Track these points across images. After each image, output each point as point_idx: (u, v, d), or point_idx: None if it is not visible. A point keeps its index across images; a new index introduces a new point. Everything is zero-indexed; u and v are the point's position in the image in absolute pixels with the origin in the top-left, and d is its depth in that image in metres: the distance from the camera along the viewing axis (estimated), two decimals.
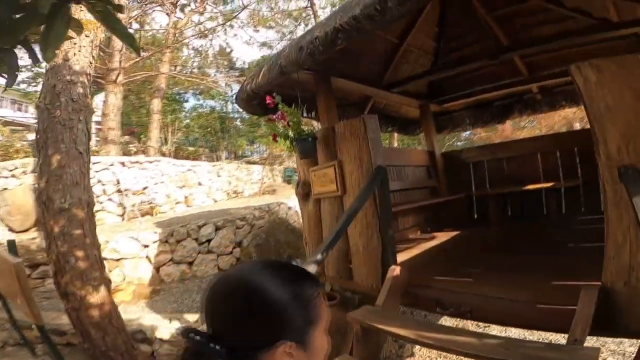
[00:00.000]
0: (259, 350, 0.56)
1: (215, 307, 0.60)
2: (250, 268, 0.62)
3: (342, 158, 2.80)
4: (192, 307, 3.52)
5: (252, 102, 3.47)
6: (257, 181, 11.35)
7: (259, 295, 0.57)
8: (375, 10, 1.88)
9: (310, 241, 3.23)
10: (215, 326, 0.58)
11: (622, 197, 1.64)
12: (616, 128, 1.67)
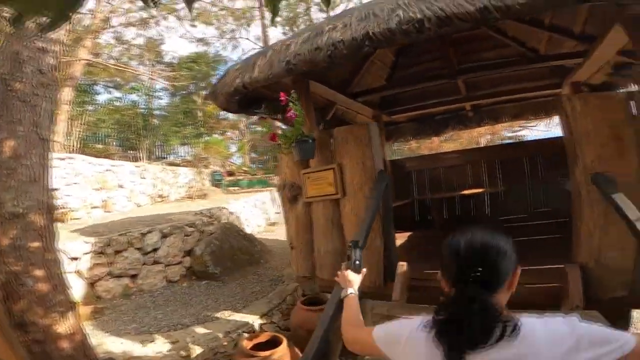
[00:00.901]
0: (508, 276, 0.87)
1: (487, 268, 0.84)
2: (492, 236, 0.89)
3: (342, 162, 2.81)
4: (157, 325, 3.07)
5: (234, 97, 3.25)
6: (183, 185, 10.48)
7: (502, 247, 0.87)
8: (414, 28, 1.98)
9: (298, 245, 3.14)
10: (485, 280, 0.83)
11: (594, 195, 2.03)
12: (592, 146, 2.08)
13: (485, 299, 0.81)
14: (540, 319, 0.83)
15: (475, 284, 0.82)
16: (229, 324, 2.93)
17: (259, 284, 4.14)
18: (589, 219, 2.07)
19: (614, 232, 1.93)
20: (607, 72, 4.08)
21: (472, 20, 1.99)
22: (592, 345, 0.79)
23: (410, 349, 0.89)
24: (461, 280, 0.85)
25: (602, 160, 2.01)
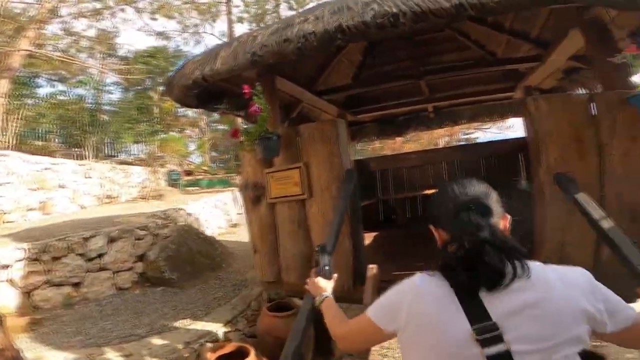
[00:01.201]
0: (502, 217, 0.90)
1: (482, 205, 0.87)
2: (480, 184, 0.93)
3: (308, 160, 2.69)
4: (106, 337, 2.74)
5: (193, 91, 3.02)
6: (136, 185, 9.82)
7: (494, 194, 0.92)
8: (388, 22, 1.91)
9: (262, 248, 2.97)
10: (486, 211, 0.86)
11: (557, 195, 2.08)
12: (555, 146, 2.12)
13: (491, 224, 0.84)
14: (546, 265, 0.84)
15: (477, 212, 0.84)
16: (189, 334, 2.70)
17: (221, 289, 3.90)
18: (554, 217, 2.12)
19: (575, 230, 1.98)
20: (557, 77, 4.32)
21: (447, 17, 1.96)
22: (605, 300, 0.80)
23: (423, 303, 0.83)
24: (463, 212, 0.85)
25: (564, 161, 2.06)
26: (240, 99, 3.89)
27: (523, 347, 0.73)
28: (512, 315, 0.76)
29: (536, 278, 0.79)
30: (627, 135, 1.93)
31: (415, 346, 0.84)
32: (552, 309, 0.76)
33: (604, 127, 1.98)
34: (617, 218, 1.95)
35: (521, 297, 0.77)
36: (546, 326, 0.75)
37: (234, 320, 3.06)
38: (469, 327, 0.76)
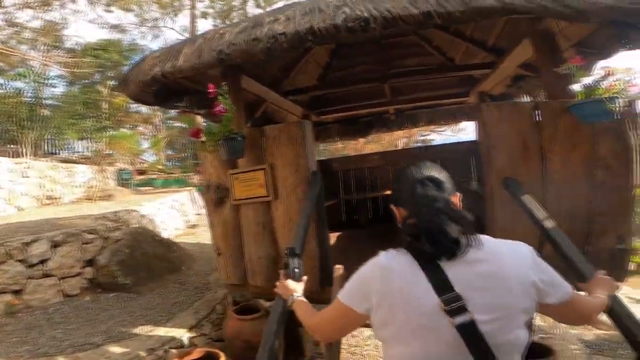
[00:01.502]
0: (453, 194, 0.98)
1: (436, 180, 0.97)
2: (434, 165, 1.03)
3: (274, 162, 2.70)
4: (57, 346, 2.54)
5: (151, 88, 2.91)
6: (81, 184, 9.20)
7: (446, 173, 1.02)
8: (359, 26, 1.97)
9: (226, 251, 2.94)
10: (439, 185, 0.96)
11: (506, 198, 2.27)
12: (504, 152, 2.31)
13: (445, 197, 0.94)
14: (496, 239, 0.94)
15: (432, 186, 0.95)
16: (151, 340, 2.59)
17: (182, 293, 3.79)
18: (501, 217, 2.30)
19: (521, 229, 2.17)
20: (506, 84, 4.69)
21: (416, 24, 2.06)
22: (546, 274, 0.91)
23: (391, 279, 0.90)
24: (419, 188, 0.95)
25: (511, 165, 2.26)
26: (201, 97, 3.83)
27: (485, 317, 0.82)
28: (472, 286, 0.84)
29: (490, 251, 0.88)
30: (567, 142, 2.16)
31: (389, 322, 0.90)
32: (505, 280, 0.85)
33: (546, 134, 2.19)
34: (557, 218, 2.18)
35: (478, 268, 0.86)
36: (502, 296, 0.84)
37: (198, 325, 2.99)
38: (437, 298, 0.83)
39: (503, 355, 0.83)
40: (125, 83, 3.01)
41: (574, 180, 2.14)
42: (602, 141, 2.12)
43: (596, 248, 2.18)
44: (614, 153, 2.10)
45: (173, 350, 2.55)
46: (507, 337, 0.84)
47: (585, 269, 1.57)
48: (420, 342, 0.86)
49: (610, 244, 2.16)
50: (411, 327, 0.87)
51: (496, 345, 0.82)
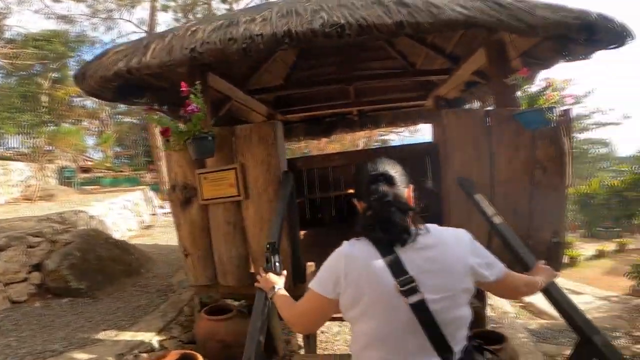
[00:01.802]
0: (406, 188, 1.11)
1: (388, 176, 1.09)
2: (389, 162, 1.15)
3: (245, 162, 2.76)
4: (14, 355, 2.37)
5: (112, 83, 2.84)
6: (18, 183, 8.53)
7: (395, 164, 1.16)
8: (335, 32, 2.11)
9: (195, 252, 2.94)
10: (390, 180, 1.08)
11: (460, 196, 2.53)
12: (459, 154, 2.57)
13: (395, 192, 1.06)
14: (441, 227, 1.09)
15: (384, 182, 1.07)
16: (118, 345, 2.53)
17: (143, 297, 3.70)
18: (456, 214, 2.57)
19: (474, 224, 2.44)
20: (460, 89, 5.10)
21: (388, 32, 2.23)
22: (481, 255, 1.07)
23: (354, 265, 1.03)
24: (373, 183, 1.07)
25: (465, 166, 2.53)
26: (164, 93, 3.77)
27: (433, 296, 0.96)
28: (422, 269, 0.99)
29: (436, 238, 1.03)
30: (512, 146, 2.46)
31: (355, 303, 1.03)
32: (449, 263, 1.01)
33: (494, 138, 2.49)
34: (504, 214, 2.48)
35: (426, 254, 1.00)
36: (447, 278, 1.00)
37: (167, 328, 2.96)
38: (393, 280, 0.97)
39: (451, 331, 0.99)
40: (82, 78, 2.89)
41: (517, 180, 2.45)
42: (540, 146, 2.45)
43: (535, 241, 2.51)
44: (550, 156, 2.44)
45: (143, 354, 2.52)
46: (453, 314, 1.00)
47: (528, 259, 1.84)
48: (381, 319, 1.01)
49: (547, 237, 2.50)
50: (374, 306, 1.01)
51: (444, 322, 0.97)
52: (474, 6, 2.39)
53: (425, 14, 2.32)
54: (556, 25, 2.34)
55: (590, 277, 9.86)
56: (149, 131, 11.86)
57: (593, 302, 6.59)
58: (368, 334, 1.04)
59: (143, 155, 18.30)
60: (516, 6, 2.42)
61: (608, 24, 2.41)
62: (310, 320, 1.20)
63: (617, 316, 5.11)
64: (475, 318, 2.92)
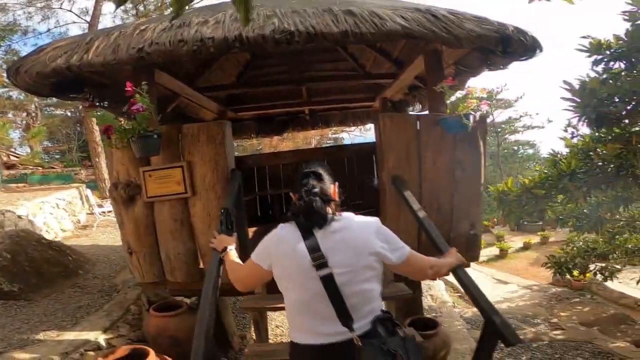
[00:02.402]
0: (331, 184, 1.40)
1: (317, 173, 1.39)
2: (320, 163, 1.46)
3: (192, 160, 2.88)
4: None
5: (50, 79, 2.84)
6: None
7: (323, 164, 1.46)
8: (285, 39, 2.32)
9: (140, 250, 3.00)
10: (319, 177, 1.38)
11: (393, 193, 2.86)
12: (392, 154, 2.90)
13: (322, 186, 1.36)
14: (356, 215, 1.38)
15: (313, 178, 1.37)
16: (62, 345, 2.53)
17: (85, 298, 3.67)
18: (390, 208, 2.89)
19: (404, 219, 2.79)
20: (404, 92, 5.56)
21: (334, 40, 2.47)
22: (386, 240, 1.34)
23: (282, 244, 1.34)
24: (305, 179, 1.38)
25: (398, 166, 2.85)
26: (106, 89, 3.76)
27: (339, 270, 1.24)
28: (332, 248, 1.26)
29: (346, 223, 1.32)
30: (436, 148, 2.84)
31: (283, 276, 1.34)
32: (353, 244, 1.28)
33: (423, 141, 2.85)
34: (430, 208, 2.88)
35: (337, 236, 1.28)
36: (351, 256, 1.26)
37: (113, 327, 3.00)
38: (309, 256, 1.25)
39: (354, 302, 1.24)
40: (16, 73, 2.83)
41: (440, 178, 2.85)
42: (460, 148, 2.86)
43: (456, 233, 2.93)
44: (468, 157, 2.86)
45: (90, 352, 2.57)
46: (357, 288, 1.26)
47: (443, 247, 2.14)
48: (302, 289, 1.29)
49: (466, 229, 2.93)
50: (296, 279, 1.30)
51: (347, 293, 1.24)
52: (414, 17, 2.71)
53: (369, 24, 2.59)
54: (478, 38, 2.69)
55: (518, 268, 11.07)
56: (86, 125, 11.25)
57: (518, 291, 7.48)
58: (294, 302, 1.34)
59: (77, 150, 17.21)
60: (449, 19, 2.76)
61: (521, 37, 2.81)
62: (250, 282, 1.54)
63: (538, 304, 5.90)
64: (412, 306, 3.36)
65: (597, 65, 3.00)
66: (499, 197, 3.59)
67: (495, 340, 1.79)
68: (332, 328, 1.25)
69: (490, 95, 2.80)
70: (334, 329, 1.25)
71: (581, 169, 3.36)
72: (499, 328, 1.73)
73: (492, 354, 1.93)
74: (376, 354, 1.19)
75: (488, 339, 1.87)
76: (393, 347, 1.21)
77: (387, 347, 1.21)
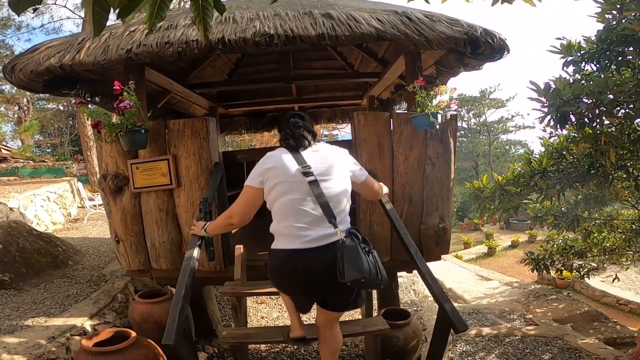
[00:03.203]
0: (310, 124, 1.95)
1: (300, 115, 1.94)
2: (303, 114, 1.97)
3: (177, 153, 3.07)
4: None
5: (43, 77, 3.01)
6: None
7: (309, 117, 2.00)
8: (265, 41, 2.51)
9: (127, 238, 3.19)
10: (303, 118, 1.91)
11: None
12: (366, 149, 3.07)
13: (305, 123, 1.88)
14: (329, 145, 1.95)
15: (298, 118, 1.89)
16: (49, 330, 2.69)
17: (73, 287, 3.84)
18: (363, 202, 3.05)
19: (378, 212, 2.99)
20: (390, 90, 5.76)
21: (310, 43, 2.67)
22: (355, 163, 1.96)
23: (274, 160, 1.77)
24: (292, 118, 1.89)
25: (371, 161, 3.04)
26: (97, 85, 3.93)
27: (321, 178, 1.73)
28: (315, 161, 1.76)
29: (323, 146, 1.87)
30: (408, 144, 3.03)
31: (274, 188, 1.73)
32: (331, 160, 1.80)
33: (396, 137, 3.04)
34: (401, 202, 3.08)
35: (318, 154, 1.80)
36: (330, 168, 1.78)
37: (100, 314, 3.16)
38: (298, 167, 1.72)
39: (334, 203, 1.72)
40: (11, 71, 3.01)
41: (411, 173, 3.05)
42: (430, 144, 3.05)
43: (427, 226, 3.13)
44: (438, 153, 3.05)
45: (76, 337, 2.73)
46: (336, 196, 1.75)
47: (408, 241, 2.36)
48: (293, 192, 1.71)
49: (435, 223, 3.13)
50: (286, 186, 1.72)
51: (330, 197, 1.72)
52: (389, 20, 2.88)
53: (344, 27, 2.79)
54: (447, 40, 2.87)
55: (505, 266, 11.35)
56: (78, 119, 11.39)
57: (498, 288, 7.75)
58: (282, 208, 1.73)
59: (69, 144, 17.28)
60: (422, 21, 2.94)
61: (489, 39, 2.96)
62: (245, 209, 1.84)
63: (516, 300, 6.15)
64: (388, 297, 3.57)
65: (568, 67, 3.15)
66: (475, 194, 3.78)
67: (447, 326, 2.00)
68: (316, 232, 1.68)
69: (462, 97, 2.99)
70: (318, 232, 1.69)
71: (553, 167, 3.55)
72: (449, 314, 1.94)
73: (446, 340, 2.15)
74: (358, 251, 1.61)
75: (441, 325, 2.08)
76: (368, 249, 1.67)
77: (365, 248, 1.66)
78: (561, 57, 3.16)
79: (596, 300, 7.78)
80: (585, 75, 3.11)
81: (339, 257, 1.62)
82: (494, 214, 4.08)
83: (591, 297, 7.96)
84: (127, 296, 3.73)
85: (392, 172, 3.06)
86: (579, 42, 3.12)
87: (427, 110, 2.80)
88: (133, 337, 2.33)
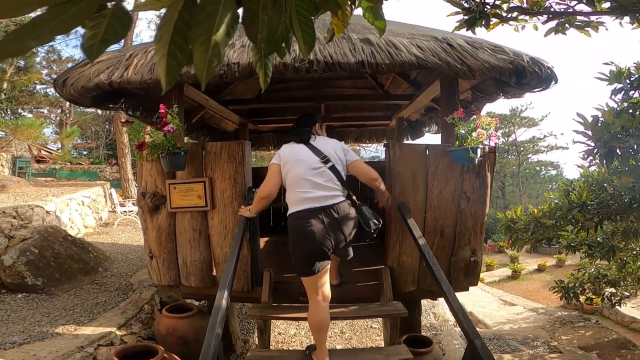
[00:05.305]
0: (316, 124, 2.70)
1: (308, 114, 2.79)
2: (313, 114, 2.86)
3: (213, 176, 3.12)
4: None
5: (92, 93, 3.14)
6: None
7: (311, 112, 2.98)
8: (304, 67, 2.55)
9: (160, 255, 3.24)
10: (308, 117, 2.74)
11: (397, 219, 3.00)
12: (399, 182, 3.03)
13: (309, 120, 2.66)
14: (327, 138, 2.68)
15: (305, 117, 2.69)
16: (78, 339, 2.77)
17: (102, 295, 3.94)
18: (394, 233, 3.03)
19: (407, 243, 2.94)
20: (421, 113, 5.70)
21: (350, 70, 2.68)
22: (347, 151, 2.57)
23: (288, 149, 2.51)
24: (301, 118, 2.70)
25: (404, 193, 2.99)
26: (140, 99, 4.06)
27: (333, 164, 2.42)
28: (325, 152, 2.43)
29: (323, 138, 2.58)
30: (443, 178, 2.98)
31: (286, 166, 2.45)
32: (332, 148, 2.48)
33: (431, 170, 2.99)
34: (432, 235, 3.00)
35: (320, 143, 2.49)
36: (331, 152, 2.45)
37: (127, 324, 3.23)
38: (317, 157, 2.42)
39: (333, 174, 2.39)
40: (63, 85, 3.16)
41: (445, 207, 2.97)
42: (467, 178, 2.98)
43: (457, 258, 3.04)
44: (474, 188, 2.97)
45: (102, 347, 2.79)
46: (332, 165, 2.41)
47: (441, 277, 2.32)
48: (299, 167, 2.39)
49: (467, 256, 3.04)
50: (294, 162, 2.42)
51: (328, 169, 2.39)
52: (429, 47, 2.87)
53: (384, 54, 2.78)
54: (491, 70, 2.83)
55: (530, 290, 10.89)
56: (115, 126, 11.85)
57: (523, 313, 7.43)
58: (291, 180, 2.40)
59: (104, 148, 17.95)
60: (464, 48, 2.90)
61: (536, 68, 2.89)
62: (271, 182, 2.47)
63: (541, 327, 5.87)
64: (410, 324, 3.46)
65: (616, 95, 2.98)
66: (507, 225, 3.67)
67: None
68: (316, 194, 2.31)
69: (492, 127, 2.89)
70: (319, 194, 2.31)
71: (593, 201, 3.40)
72: (479, 351, 1.92)
73: None
74: (369, 211, 2.59)
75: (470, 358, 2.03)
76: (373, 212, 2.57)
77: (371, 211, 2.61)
78: (607, 84, 3.01)
79: (625, 326, 7.48)
80: (633, 104, 2.96)
81: (360, 214, 2.53)
82: (527, 244, 3.95)
83: (620, 322, 7.70)
84: (152, 307, 3.79)
85: (425, 204, 2.99)
86: (628, 68, 2.96)
87: (467, 144, 2.74)
88: (161, 353, 2.35)
